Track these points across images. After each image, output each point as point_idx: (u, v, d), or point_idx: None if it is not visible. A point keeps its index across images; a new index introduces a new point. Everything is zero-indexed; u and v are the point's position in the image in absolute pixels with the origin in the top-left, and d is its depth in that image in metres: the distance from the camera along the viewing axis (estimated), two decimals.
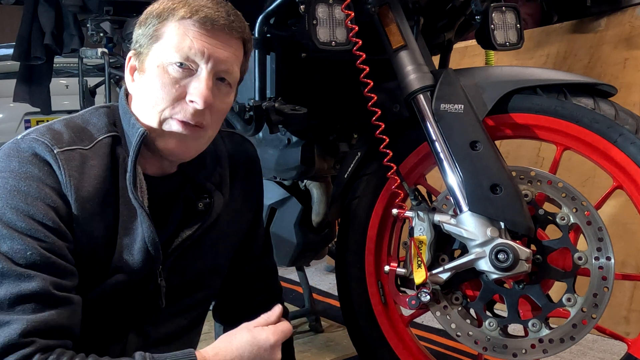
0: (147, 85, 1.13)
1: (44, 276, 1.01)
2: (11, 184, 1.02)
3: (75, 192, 1.06)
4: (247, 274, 1.41)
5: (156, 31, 1.13)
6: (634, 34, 2.59)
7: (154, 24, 1.13)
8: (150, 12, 1.15)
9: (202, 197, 1.23)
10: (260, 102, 1.56)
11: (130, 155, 1.11)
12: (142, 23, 1.16)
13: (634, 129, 1.33)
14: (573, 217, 1.34)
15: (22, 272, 0.99)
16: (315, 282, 2.99)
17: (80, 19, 2.80)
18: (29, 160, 1.05)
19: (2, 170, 1.04)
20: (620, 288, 2.23)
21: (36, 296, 0.99)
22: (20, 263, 0.99)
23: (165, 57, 1.11)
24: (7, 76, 4.31)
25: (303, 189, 1.90)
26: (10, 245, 0.99)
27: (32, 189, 1.03)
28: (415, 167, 1.55)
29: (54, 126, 1.12)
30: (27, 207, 1.01)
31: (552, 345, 1.34)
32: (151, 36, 1.13)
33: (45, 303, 1.00)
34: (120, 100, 1.20)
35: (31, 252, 1.00)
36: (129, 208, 1.12)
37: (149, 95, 1.13)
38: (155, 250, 1.14)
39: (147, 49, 1.14)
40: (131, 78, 1.18)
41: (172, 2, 1.13)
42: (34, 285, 0.99)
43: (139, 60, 1.16)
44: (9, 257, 0.99)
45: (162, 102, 1.11)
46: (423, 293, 1.39)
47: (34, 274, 1.00)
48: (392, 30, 1.46)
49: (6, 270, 0.98)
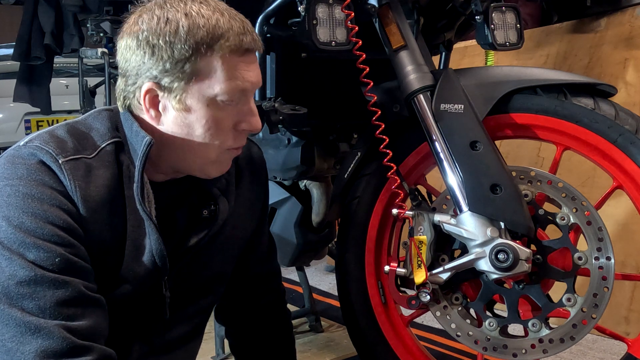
0: (196, 123, 1.09)
1: (76, 280, 1.00)
2: (22, 191, 1.00)
3: (83, 200, 1.04)
4: (251, 276, 1.41)
5: (193, 66, 1.05)
6: (634, 34, 2.59)
7: (186, 57, 1.04)
8: (170, 42, 1.04)
9: (207, 203, 1.21)
10: (260, 102, 1.56)
11: (137, 166, 1.08)
12: (161, 51, 1.05)
13: (634, 129, 1.33)
14: (573, 217, 1.34)
15: (56, 278, 0.98)
16: (315, 282, 2.99)
17: (80, 19, 2.80)
18: (36, 168, 1.03)
19: (10, 178, 1.02)
20: (620, 288, 2.23)
21: (74, 300, 0.99)
22: (51, 270, 0.98)
23: (216, 94, 1.07)
24: (7, 76, 4.31)
25: (303, 189, 1.90)
26: (36, 253, 0.98)
27: (45, 195, 1.01)
28: (415, 167, 1.55)
29: (57, 132, 1.09)
30: (44, 214, 1.00)
31: (552, 345, 1.34)
32: (187, 72, 1.06)
33: (84, 305, 1.00)
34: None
35: (59, 258, 0.99)
36: (136, 217, 1.11)
37: (202, 132, 1.09)
38: (162, 262, 1.13)
39: (183, 85, 1.07)
40: (155, 112, 1.10)
41: (203, 32, 1.05)
42: (70, 290, 0.99)
43: (171, 96, 1.08)
44: (38, 265, 0.97)
45: (222, 136, 1.11)
46: (423, 293, 1.39)
47: (68, 279, 0.99)
48: (392, 30, 1.46)
49: (39, 278, 0.97)
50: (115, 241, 1.09)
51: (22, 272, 0.96)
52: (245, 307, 1.43)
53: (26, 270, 0.96)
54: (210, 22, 1.06)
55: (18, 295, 0.96)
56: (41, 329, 0.95)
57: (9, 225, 0.98)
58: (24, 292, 0.96)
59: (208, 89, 1.07)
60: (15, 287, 0.96)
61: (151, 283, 1.14)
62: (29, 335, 0.95)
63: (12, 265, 0.97)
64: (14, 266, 0.97)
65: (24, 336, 0.95)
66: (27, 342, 0.94)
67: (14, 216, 0.99)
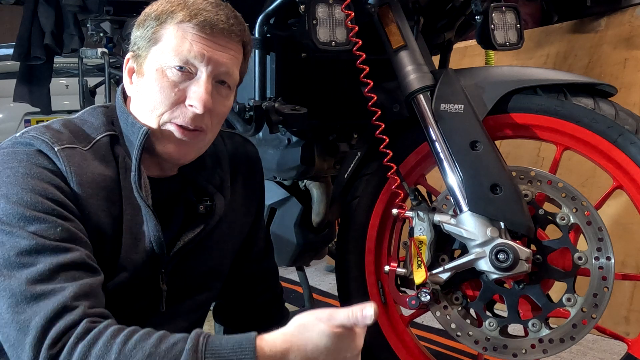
0: (145, 89, 1.13)
1: (79, 247, 1.00)
2: (22, 172, 1.02)
3: (79, 185, 1.05)
4: (248, 275, 1.41)
5: (154, 34, 1.12)
6: (634, 34, 2.59)
7: (152, 26, 1.12)
8: (148, 14, 1.14)
9: (203, 199, 1.22)
10: (260, 102, 1.56)
11: (135, 154, 1.10)
12: (140, 25, 1.15)
13: (634, 129, 1.33)
14: (573, 217, 1.34)
15: (58, 245, 0.98)
16: (315, 282, 2.99)
17: (80, 19, 2.80)
18: (35, 153, 1.05)
19: (10, 162, 1.04)
20: (620, 288, 2.23)
21: (76, 265, 0.98)
22: (53, 238, 0.98)
23: (164, 61, 1.10)
24: (7, 76, 4.30)
25: (303, 189, 1.90)
26: (37, 225, 0.98)
27: (44, 175, 1.02)
28: (415, 167, 1.55)
29: (52, 125, 1.12)
30: (43, 190, 1.01)
31: (552, 345, 1.34)
32: (149, 39, 1.12)
33: (86, 270, 1.00)
34: (118, 99, 1.19)
35: (60, 228, 0.99)
36: (133, 207, 1.12)
37: (148, 99, 1.12)
38: (160, 249, 1.14)
39: (146, 52, 1.13)
40: (129, 80, 1.17)
41: (170, 5, 1.12)
42: (71, 255, 0.98)
43: (137, 63, 1.15)
44: (40, 235, 0.97)
45: (161, 106, 1.11)
46: (423, 293, 1.39)
47: (69, 246, 0.99)
48: (392, 30, 1.46)
49: (40, 246, 0.97)
50: (113, 229, 1.10)
51: (23, 242, 0.97)
52: (242, 306, 1.43)
53: (27, 240, 0.97)
54: (187, 2, 1.12)
55: (19, 265, 0.96)
56: (43, 293, 0.94)
57: (8, 202, 0.99)
58: (25, 261, 0.96)
59: (159, 55, 1.11)
60: (16, 257, 0.96)
61: (149, 272, 1.15)
62: (32, 301, 0.94)
63: (13, 238, 0.97)
64: (15, 238, 0.97)
65: (27, 303, 0.94)
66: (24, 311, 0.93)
67: (12, 193, 1.00)
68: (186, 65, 1.10)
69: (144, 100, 1.13)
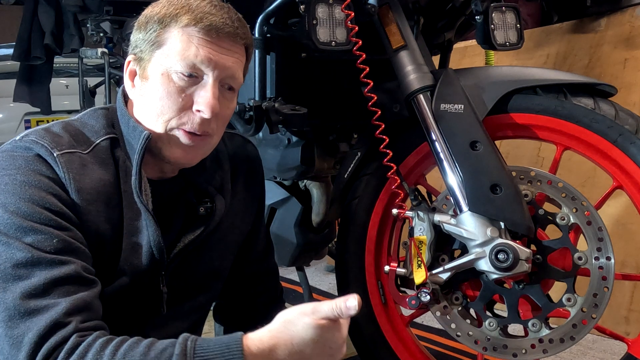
0: (150, 93, 1.12)
1: (75, 260, 1.00)
2: (20, 180, 1.01)
3: (77, 192, 1.05)
4: (249, 275, 1.41)
5: (158, 37, 1.10)
6: (634, 34, 2.59)
7: (155, 29, 1.11)
8: (150, 17, 1.13)
9: (203, 201, 1.22)
10: (260, 102, 1.56)
11: (135, 159, 1.10)
12: (141, 27, 1.13)
13: (634, 129, 1.33)
14: (573, 217, 1.34)
15: (53, 259, 0.98)
16: (315, 282, 2.99)
17: (80, 19, 2.80)
18: (34, 159, 1.04)
19: (8, 168, 1.03)
20: (620, 288, 2.23)
21: (70, 279, 0.98)
22: (48, 251, 0.98)
23: (170, 65, 1.09)
24: (7, 76, 4.31)
25: (303, 189, 1.90)
26: (33, 237, 0.98)
27: (42, 183, 1.02)
28: (415, 167, 1.55)
29: (52, 129, 1.11)
30: (41, 200, 1.00)
31: (552, 345, 1.34)
32: (153, 42, 1.11)
33: (80, 283, 1.00)
34: (118, 102, 1.18)
35: (57, 239, 0.99)
36: (133, 211, 1.11)
37: (154, 104, 1.11)
38: (160, 254, 1.13)
39: (149, 55, 1.12)
40: (131, 83, 1.16)
41: (173, 8, 1.11)
42: (66, 269, 0.98)
43: (140, 66, 1.14)
44: (36, 247, 0.97)
45: (169, 112, 1.10)
46: (423, 293, 1.39)
47: (65, 258, 0.99)
48: (392, 30, 1.46)
49: (36, 259, 0.97)
50: (113, 234, 1.10)
51: (19, 254, 0.97)
52: (242, 306, 1.43)
53: (23, 252, 0.97)
54: (188, 2, 1.11)
55: (15, 277, 0.96)
56: (37, 309, 0.95)
57: (5, 212, 0.99)
58: (20, 273, 0.96)
59: (165, 59, 1.10)
60: (12, 269, 0.96)
61: (149, 276, 1.15)
62: (25, 316, 0.94)
63: (9, 249, 0.97)
64: (11, 249, 0.97)
65: (21, 318, 0.94)
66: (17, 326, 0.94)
67: (10, 202, 1.00)
68: (193, 70, 1.09)
69: (149, 104, 1.12)
